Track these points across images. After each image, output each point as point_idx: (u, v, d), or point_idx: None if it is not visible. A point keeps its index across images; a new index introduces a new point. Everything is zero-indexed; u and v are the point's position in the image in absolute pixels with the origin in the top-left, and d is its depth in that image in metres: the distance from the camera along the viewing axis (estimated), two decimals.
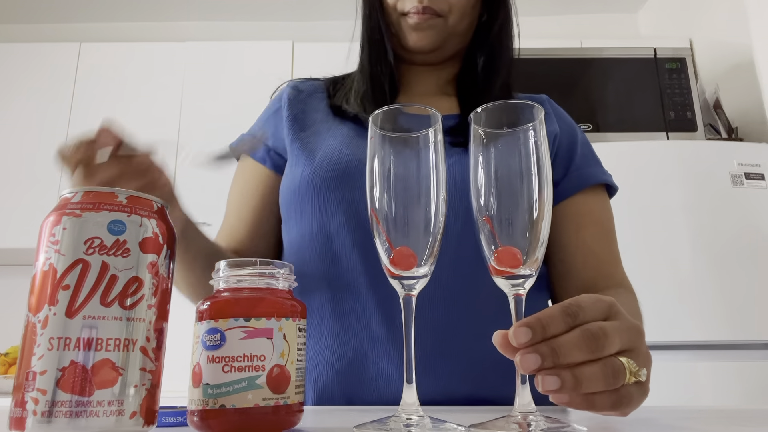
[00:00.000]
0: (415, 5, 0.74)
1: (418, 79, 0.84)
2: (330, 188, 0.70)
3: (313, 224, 0.71)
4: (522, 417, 0.38)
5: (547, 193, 0.41)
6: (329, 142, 0.74)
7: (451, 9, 0.76)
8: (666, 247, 1.62)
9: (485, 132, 0.42)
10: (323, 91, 0.84)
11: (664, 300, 1.58)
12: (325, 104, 0.82)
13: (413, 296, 0.42)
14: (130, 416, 0.30)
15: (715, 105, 2.10)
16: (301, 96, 0.83)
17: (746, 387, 1.52)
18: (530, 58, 2.03)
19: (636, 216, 1.65)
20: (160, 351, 0.33)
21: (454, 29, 0.78)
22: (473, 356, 0.66)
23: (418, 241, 0.41)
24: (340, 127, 0.77)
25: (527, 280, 0.40)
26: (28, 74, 2.51)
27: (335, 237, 0.69)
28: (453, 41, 0.79)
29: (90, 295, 0.30)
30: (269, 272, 0.39)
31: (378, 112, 0.43)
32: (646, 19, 2.82)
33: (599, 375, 0.36)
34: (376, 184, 0.42)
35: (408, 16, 0.75)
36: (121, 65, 2.49)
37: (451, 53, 0.82)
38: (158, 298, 0.32)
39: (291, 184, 0.74)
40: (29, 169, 2.37)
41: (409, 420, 0.38)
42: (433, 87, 0.84)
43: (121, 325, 0.30)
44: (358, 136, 0.75)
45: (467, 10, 0.77)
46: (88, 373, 0.28)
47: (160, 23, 2.93)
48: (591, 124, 1.93)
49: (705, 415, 0.51)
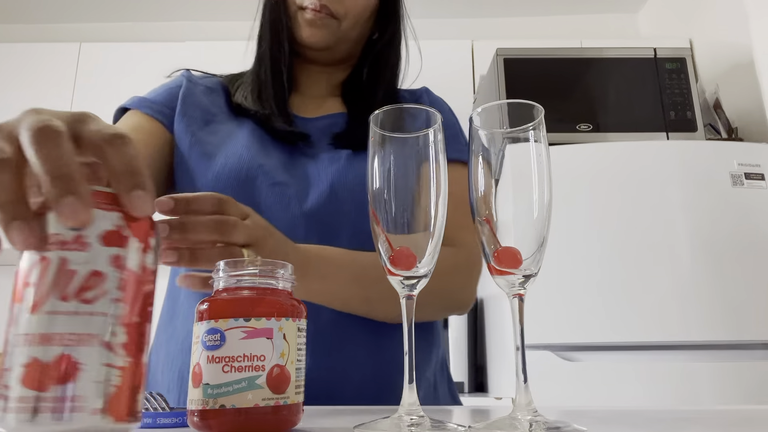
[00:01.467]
0: (314, 1, 0.78)
1: (310, 79, 0.87)
2: (230, 192, 0.71)
3: None
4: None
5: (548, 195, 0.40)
6: (229, 146, 0.75)
7: (347, 14, 0.80)
8: (666, 247, 1.62)
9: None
10: (221, 88, 0.85)
11: (663, 300, 1.58)
12: (224, 102, 0.83)
13: (414, 296, 0.42)
14: (92, 413, 0.29)
15: (715, 105, 2.10)
16: (198, 89, 0.83)
17: (746, 387, 1.52)
18: (530, 58, 2.03)
19: (636, 216, 1.65)
20: (134, 347, 0.31)
21: (346, 34, 0.82)
22: (370, 348, 0.70)
23: (418, 241, 0.41)
24: (240, 128, 0.78)
25: (527, 280, 0.40)
26: (28, 74, 2.51)
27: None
28: (344, 45, 0.84)
29: (50, 291, 0.29)
30: (269, 272, 0.39)
31: (378, 112, 0.43)
32: (646, 19, 2.82)
33: (215, 256, 0.44)
34: (375, 184, 0.42)
35: (305, 11, 0.78)
36: (121, 65, 2.49)
37: (341, 56, 0.86)
38: (128, 292, 0.31)
39: (190, 187, 0.74)
40: None
41: (409, 420, 0.38)
42: (323, 88, 0.87)
43: (80, 319, 0.29)
44: (258, 138, 0.77)
45: (361, 19, 0.82)
46: (47, 369, 0.28)
47: (160, 23, 2.93)
48: (591, 124, 1.93)
49: (705, 415, 0.51)
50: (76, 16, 2.86)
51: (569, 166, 1.71)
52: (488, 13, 2.88)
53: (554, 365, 1.56)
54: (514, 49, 2.03)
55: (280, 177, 0.73)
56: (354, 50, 0.87)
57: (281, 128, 0.78)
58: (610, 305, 1.58)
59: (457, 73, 2.46)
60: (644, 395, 1.53)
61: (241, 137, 0.77)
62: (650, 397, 1.53)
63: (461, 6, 2.82)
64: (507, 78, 1.97)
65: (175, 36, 2.83)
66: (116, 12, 2.84)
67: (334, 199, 0.72)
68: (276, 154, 0.76)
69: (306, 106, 0.85)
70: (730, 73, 2.14)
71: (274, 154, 0.76)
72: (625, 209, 1.66)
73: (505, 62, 1.99)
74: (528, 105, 0.41)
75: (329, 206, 0.72)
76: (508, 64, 1.99)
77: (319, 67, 0.87)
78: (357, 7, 0.80)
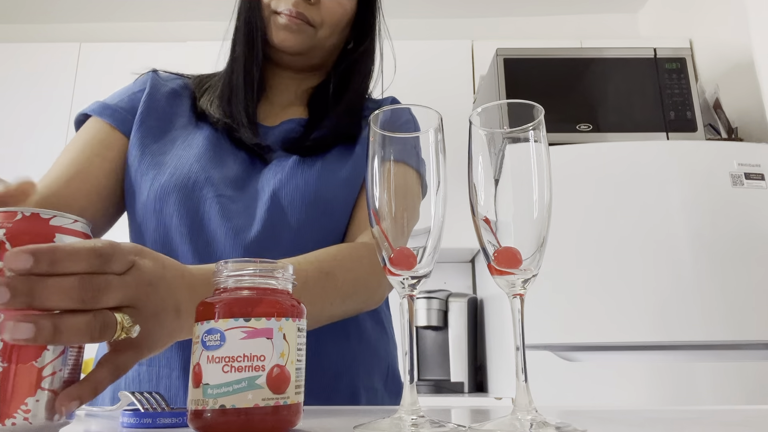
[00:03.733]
0: (289, 8, 0.77)
1: (281, 85, 0.86)
2: (174, 203, 0.71)
3: (155, 234, 0.72)
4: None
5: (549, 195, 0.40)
6: (182, 155, 0.75)
7: (323, 23, 0.79)
8: (666, 247, 1.62)
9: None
10: (187, 91, 0.85)
11: (663, 300, 1.58)
12: (188, 106, 0.82)
13: (414, 296, 0.42)
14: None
15: (715, 105, 2.10)
16: (160, 93, 0.82)
17: (746, 387, 1.52)
18: (530, 58, 2.03)
19: (636, 216, 1.65)
20: (7, 353, 0.34)
21: (321, 42, 0.81)
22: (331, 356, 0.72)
23: (418, 241, 0.41)
24: (198, 134, 0.78)
25: (527, 280, 0.40)
26: (28, 74, 2.51)
27: (177, 248, 0.71)
28: (318, 53, 0.83)
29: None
30: (269, 272, 0.39)
31: (377, 112, 0.43)
32: (646, 19, 2.82)
33: (83, 327, 0.35)
34: (376, 184, 0.42)
35: (279, 15, 0.78)
36: (121, 65, 2.49)
37: (314, 63, 0.85)
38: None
39: (138, 194, 0.74)
40: (29, 170, 2.37)
41: (409, 420, 0.38)
42: (291, 94, 0.86)
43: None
44: (214, 146, 0.76)
45: (337, 29, 0.81)
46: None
47: (160, 23, 2.93)
48: (591, 124, 1.93)
49: (705, 415, 0.51)
50: (76, 16, 2.86)
51: (569, 166, 1.71)
52: (488, 13, 2.88)
53: (554, 365, 1.56)
54: (514, 49, 2.03)
55: (227, 190, 0.73)
56: (328, 58, 0.86)
57: (247, 139, 0.77)
58: (610, 305, 1.58)
59: (457, 73, 2.46)
60: (644, 395, 1.53)
61: (195, 146, 0.76)
62: (650, 397, 1.53)
63: (461, 6, 2.82)
64: (507, 78, 1.97)
65: (175, 36, 2.83)
66: (116, 12, 2.84)
67: (276, 211, 0.72)
68: (231, 164, 0.76)
69: (269, 114, 0.84)
70: (730, 73, 2.14)
71: (229, 164, 0.76)
72: (625, 209, 1.66)
73: (505, 62, 1.99)
74: (528, 105, 0.41)
75: (272, 218, 0.71)
76: (508, 64, 1.99)
77: (291, 73, 0.86)
78: (334, 16, 0.79)
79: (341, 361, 0.74)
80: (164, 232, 0.72)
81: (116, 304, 0.38)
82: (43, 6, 2.79)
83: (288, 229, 0.71)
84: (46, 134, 2.42)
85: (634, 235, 1.63)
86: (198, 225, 0.71)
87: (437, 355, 2.14)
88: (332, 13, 0.79)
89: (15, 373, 0.34)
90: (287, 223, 0.71)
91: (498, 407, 0.81)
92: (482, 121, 0.42)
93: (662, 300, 1.58)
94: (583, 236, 1.65)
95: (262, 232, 0.71)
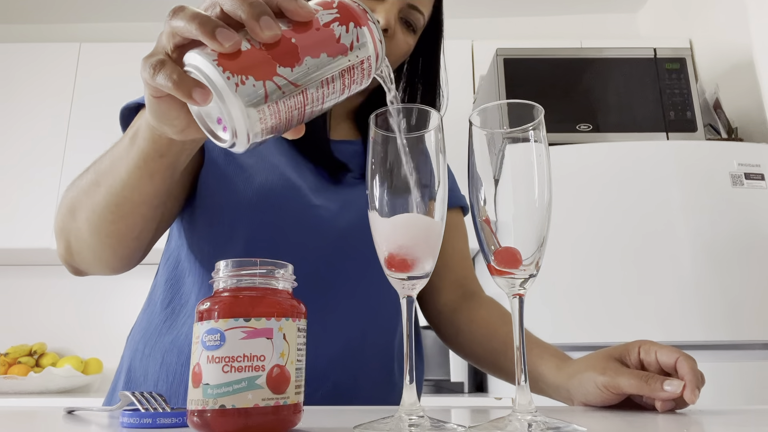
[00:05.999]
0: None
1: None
2: (273, 214, 0.71)
3: (258, 231, 0.71)
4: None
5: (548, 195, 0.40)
6: (267, 162, 0.75)
7: (388, 55, 0.80)
8: (665, 247, 1.62)
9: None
10: None
11: (663, 300, 1.58)
12: None
13: (414, 296, 0.42)
14: None
15: (715, 105, 2.10)
16: None
17: (746, 387, 1.52)
18: (530, 58, 2.03)
19: (635, 216, 1.65)
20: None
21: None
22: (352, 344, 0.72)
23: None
24: (273, 144, 0.78)
25: (527, 280, 0.40)
26: (28, 74, 2.51)
27: (278, 245, 0.71)
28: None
29: None
30: (269, 272, 0.39)
31: (377, 112, 0.43)
32: (646, 19, 2.82)
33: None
34: (376, 185, 0.42)
35: None
36: (121, 65, 2.49)
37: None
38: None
39: (227, 199, 0.72)
40: (29, 170, 2.37)
41: (409, 420, 0.38)
42: (341, 109, 0.88)
43: None
44: (292, 157, 0.77)
45: (395, 65, 0.82)
46: None
47: (160, 23, 2.92)
48: (591, 124, 1.93)
49: (705, 415, 0.51)
50: (76, 16, 2.86)
51: (569, 166, 1.71)
52: (488, 13, 2.88)
53: None
54: (514, 49, 2.02)
55: (317, 200, 0.75)
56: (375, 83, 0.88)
57: (324, 153, 0.79)
58: (610, 305, 1.58)
59: (457, 73, 2.46)
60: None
61: (277, 154, 0.77)
62: None
63: (461, 6, 2.82)
64: (507, 78, 1.97)
65: None
66: (116, 12, 2.84)
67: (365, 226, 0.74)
68: (308, 175, 0.77)
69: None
70: (730, 73, 2.14)
71: (307, 175, 0.77)
72: (625, 209, 1.66)
73: (504, 62, 1.99)
74: (528, 105, 0.41)
75: (362, 232, 0.73)
76: (508, 64, 1.99)
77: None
78: (398, 53, 0.80)
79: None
80: (270, 228, 0.71)
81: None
82: (43, 6, 2.79)
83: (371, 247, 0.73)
84: (46, 134, 2.42)
85: (633, 235, 1.63)
86: (295, 227, 0.72)
87: (437, 355, 2.14)
88: (398, 48, 0.79)
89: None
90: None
91: (498, 407, 0.82)
92: (482, 121, 0.42)
93: (662, 300, 1.58)
94: (583, 236, 1.65)
95: (351, 247, 0.73)
